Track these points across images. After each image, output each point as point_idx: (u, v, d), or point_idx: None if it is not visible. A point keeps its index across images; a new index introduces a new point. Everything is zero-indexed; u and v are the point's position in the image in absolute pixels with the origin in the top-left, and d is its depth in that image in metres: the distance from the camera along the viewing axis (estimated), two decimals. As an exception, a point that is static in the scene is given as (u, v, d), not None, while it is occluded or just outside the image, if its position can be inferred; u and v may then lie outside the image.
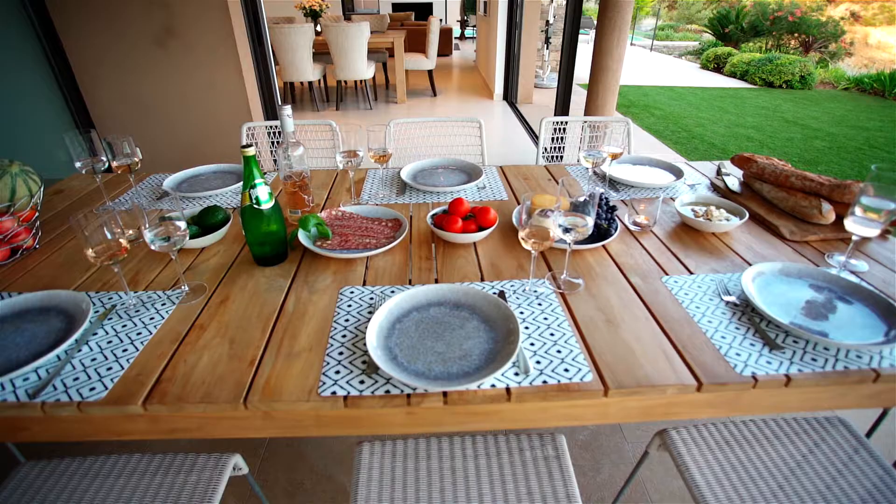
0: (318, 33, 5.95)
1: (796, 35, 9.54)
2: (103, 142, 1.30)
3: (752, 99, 7.08)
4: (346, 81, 5.97)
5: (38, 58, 2.99)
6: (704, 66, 9.76)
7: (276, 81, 3.60)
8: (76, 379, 0.80)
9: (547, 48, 7.42)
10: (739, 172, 1.59)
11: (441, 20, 12.05)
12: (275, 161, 2.08)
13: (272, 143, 2.21)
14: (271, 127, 2.17)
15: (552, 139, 2.31)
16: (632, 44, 14.60)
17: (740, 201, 1.39)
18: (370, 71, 5.68)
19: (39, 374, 0.81)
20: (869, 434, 1.37)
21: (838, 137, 5.24)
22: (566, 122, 2.21)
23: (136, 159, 1.35)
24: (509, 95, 6.34)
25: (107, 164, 1.35)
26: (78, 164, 1.31)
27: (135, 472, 1.04)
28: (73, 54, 3.05)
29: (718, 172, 1.60)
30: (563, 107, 3.73)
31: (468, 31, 14.01)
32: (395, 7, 13.03)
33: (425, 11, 12.99)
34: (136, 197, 1.48)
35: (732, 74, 8.73)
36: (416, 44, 6.68)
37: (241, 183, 1.54)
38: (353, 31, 5.22)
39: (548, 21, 7.24)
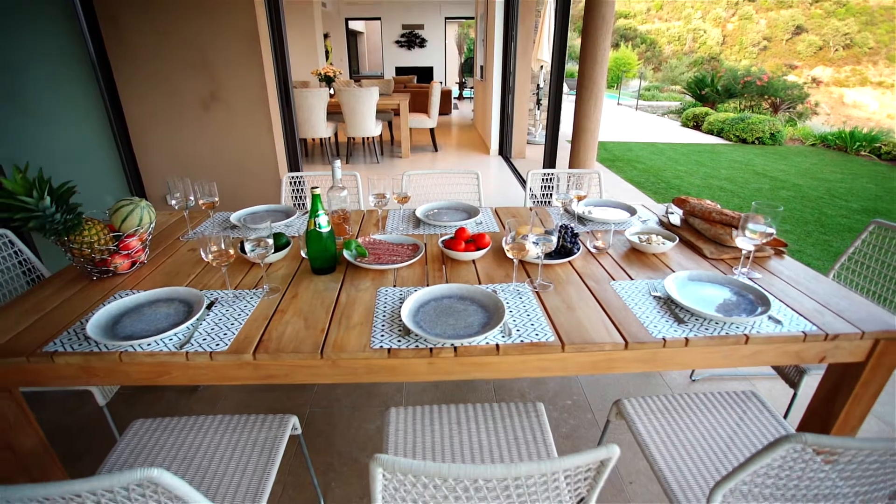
0: (331, 96, 6.62)
1: (766, 97, 10.43)
2: (195, 185, 1.73)
3: (727, 154, 7.73)
4: (355, 138, 6.58)
5: (99, 113, 3.49)
6: (685, 125, 10.57)
7: (298, 138, 4.13)
8: (204, 339, 1.18)
9: (538, 108, 8.15)
10: (681, 211, 2.02)
11: (441, 82, 13.04)
12: (299, 204, 2.53)
13: (292, 189, 2.66)
14: (293, 177, 2.63)
15: (542, 187, 2.77)
16: (619, 104, 15.67)
17: (677, 231, 1.81)
18: (378, 129, 6.30)
19: (179, 337, 1.19)
20: (786, 415, 1.73)
21: (802, 188, 5.78)
22: (549, 174, 2.68)
23: (216, 199, 1.78)
24: (504, 151, 6.95)
25: (194, 202, 1.77)
26: (172, 202, 1.74)
27: (219, 427, 1.39)
28: (129, 110, 3.57)
29: (666, 211, 2.03)
30: (550, 160, 4.26)
31: (466, 92, 15.06)
32: (399, 70, 14.11)
33: (426, 74, 14.06)
34: (212, 226, 1.90)
35: (710, 132, 9.48)
36: (419, 104, 7.37)
37: (289, 218, 1.97)
38: (364, 94, 5.87)
39: (538, 85, 8.01)
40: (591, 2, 3.27)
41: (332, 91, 6.87)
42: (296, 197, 2.65)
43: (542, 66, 7.38)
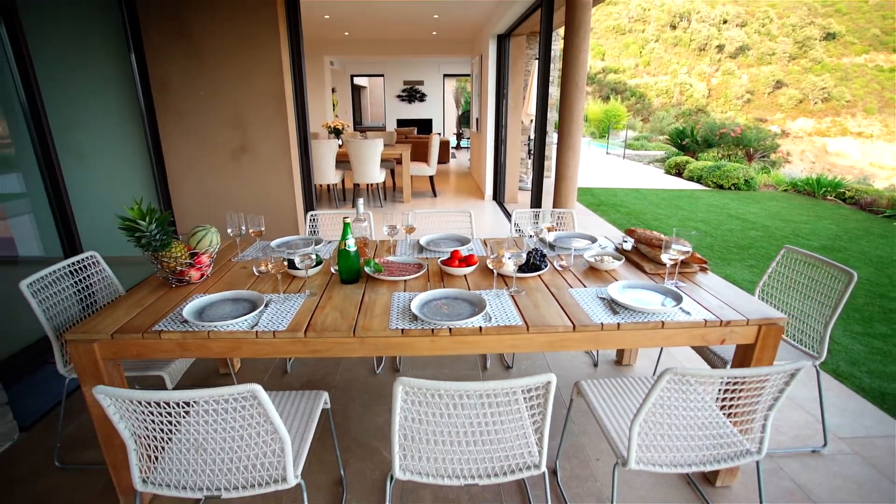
0: (340, 146, 7.26)
1: (741, 147, 11.24)
2: (245, 217, 2.21)
3: (705, 198, 8.34)
4: (360, 184, 7.17)
5: (144, 162, 4.03)
6: (668, 172, 11.29)
7: (313, 184, 4.67)
8: (267, 324, 1.62)
9: (529, 157, 8.83)
10: (632, 239, 2.50)
11: (439, 133, 13.92)
12: (313, 232, 3.01)
13: (307, 223, 3.15)
14: (313, 215, 3.12)
15: (527, 224, 3.26)
16: (607, 153, 16.57)
17: (627, 254, 2.29)
18: (382, 176, 6.90)
19: (249, 322, 1.63)
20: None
21: (770, 228, 6.32)
22: (530, 212, 3.18)
23: (263, 228, 2.25)
24: (498, 196, 7.54)
25: (244, 231, 2.25)
26: (229, 231, 2.21)
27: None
28: (168, 160, 4.11)
29: (622, 240, 2.51)
30: (536, 203, 4.80)
31: (463, 142, 15.97)
32: (400, 122, 15.05)
33: (426, 126, 14.98)
34: (256, 251, 2.37)
35: (690, 178, 10.17)
36: (420, 154, 8.04)
37: (318, 245, 2.44)
38: (371, 145, 6.51)
39: (529, 137, 8.72)
40: (567, 70, 3.90)
41: (340, 142, 7.53)
42: (312, 231, 3.13)
43: (532, 120, 8.10)
